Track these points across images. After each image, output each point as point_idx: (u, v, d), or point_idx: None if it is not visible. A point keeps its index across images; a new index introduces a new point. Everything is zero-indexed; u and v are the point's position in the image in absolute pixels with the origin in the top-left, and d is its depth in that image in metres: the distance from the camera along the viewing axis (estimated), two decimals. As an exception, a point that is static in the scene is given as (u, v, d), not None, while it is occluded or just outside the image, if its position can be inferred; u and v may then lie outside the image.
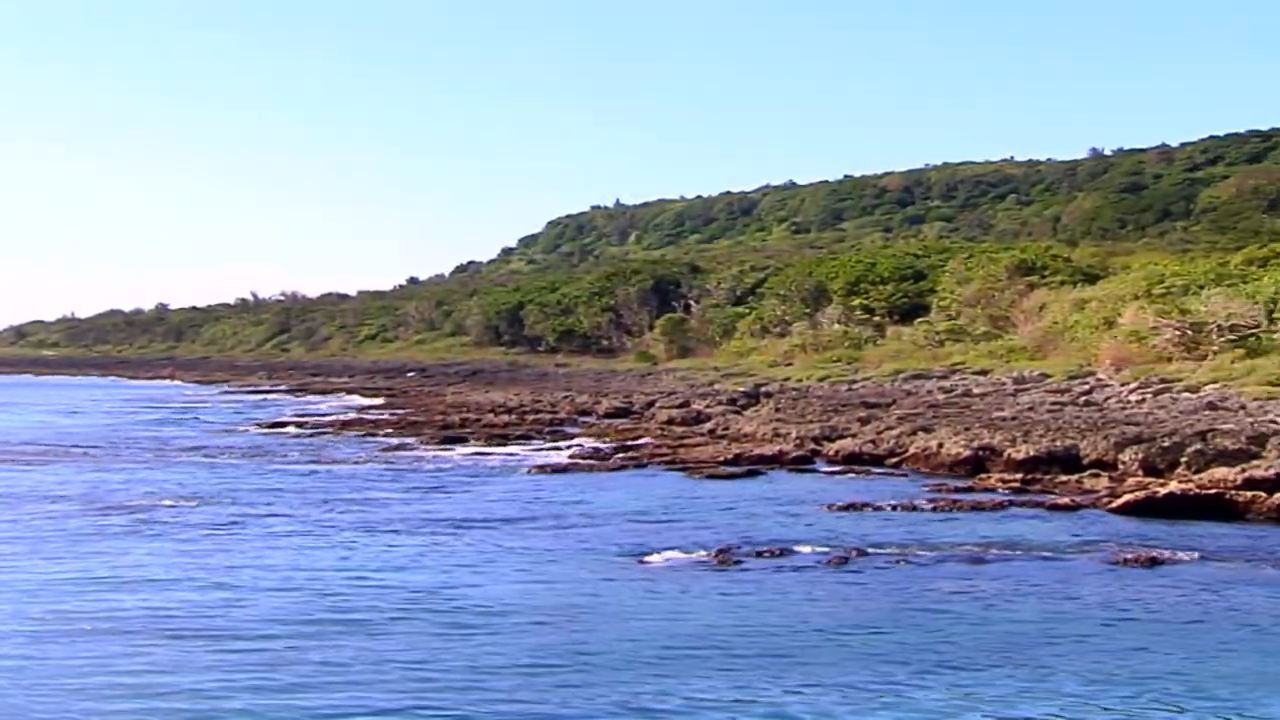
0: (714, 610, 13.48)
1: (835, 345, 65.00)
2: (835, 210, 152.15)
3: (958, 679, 10.69)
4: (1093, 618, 12.89)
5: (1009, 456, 25.27)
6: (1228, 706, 9.91)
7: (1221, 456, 22.61)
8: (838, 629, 12.55)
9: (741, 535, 18.12)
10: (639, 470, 27.16)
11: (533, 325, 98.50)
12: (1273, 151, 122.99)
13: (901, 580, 14.89)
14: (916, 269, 74.13)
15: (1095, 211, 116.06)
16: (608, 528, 19.05)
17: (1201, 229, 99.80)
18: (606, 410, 44.44)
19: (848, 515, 20.05)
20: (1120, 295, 53.45)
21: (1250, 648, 11.70)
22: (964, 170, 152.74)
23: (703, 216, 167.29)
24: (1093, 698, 10.13)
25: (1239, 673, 10.86)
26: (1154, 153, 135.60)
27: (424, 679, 10.81)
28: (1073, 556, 16.08)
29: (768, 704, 10.16)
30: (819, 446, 29.34)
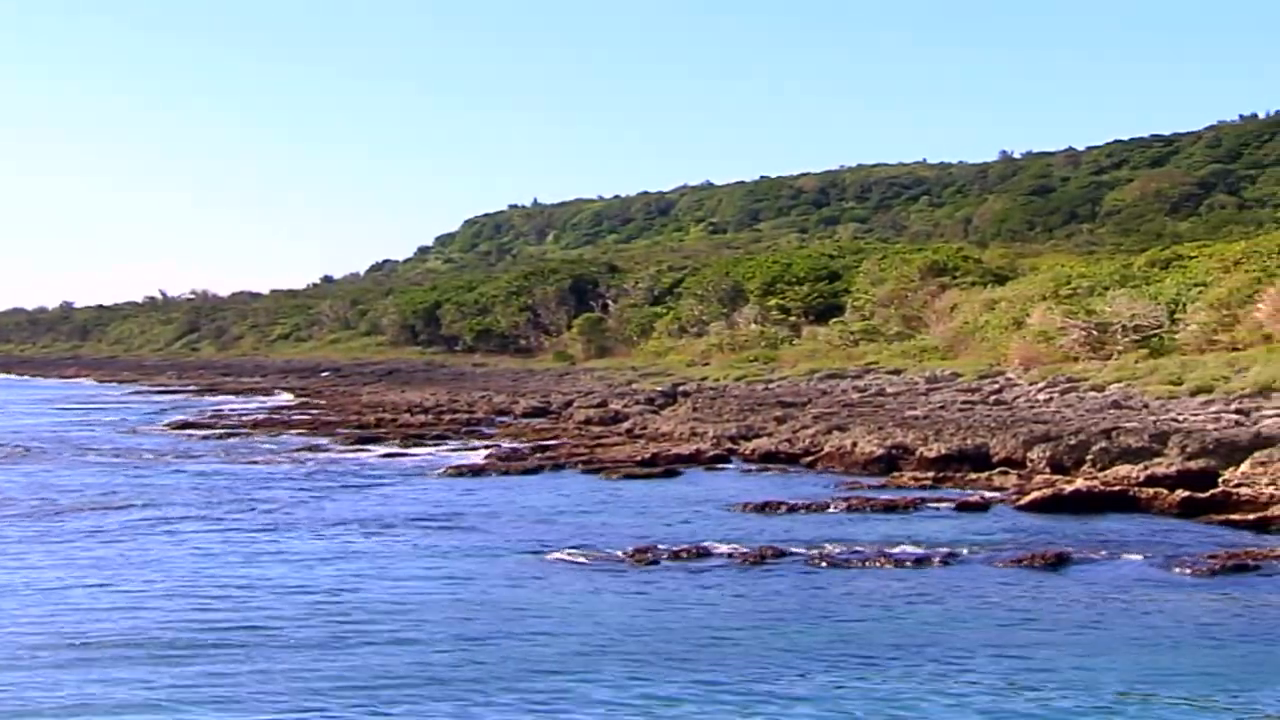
0: (625, 609, 13.52)
1: (752, 345, 65.44)
2: (752, 211, 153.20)
3: (863, 678, 10.82)
4: (997, 616, 13.13)
5: (921, 455, 25.66)
6: (1125, 701, 10.13)
7: (1125, 454, 23.17)
8: (746, 627, 12.66)
9: (657, 535, 18.18)
10: (556, 470, 27.12)
11: (449, 325, 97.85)
12: (1175, 156, 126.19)
13: (812, 580, 15.04)
14: (831, 269, 74.90)
15: (1005, 213, 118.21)
16: (523, 528, 19.01)
17: (1107, 231, 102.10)
18: (524, 410, 44.31)
19: (762, 515, 20.21)
20: (1029, 296, 54.51)
21: (1148, 644, 12.00)
22: (878, 172, 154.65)
23: (620, 216, 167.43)
24: (998, 695, 10.31)
25: (1136, 668, 11.12)
26: (1061, 156, 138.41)
27: (318, 687, 10.65)
28: (981, 555, 16.36)
29: (668, 701, 10.23)
30: (735, 446, 29.55)
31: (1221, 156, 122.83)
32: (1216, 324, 42.95)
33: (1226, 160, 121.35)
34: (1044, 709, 9.97)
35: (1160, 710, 9.87)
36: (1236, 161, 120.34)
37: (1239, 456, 21.91)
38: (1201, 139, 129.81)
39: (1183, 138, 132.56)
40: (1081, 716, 9.79)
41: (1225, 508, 19.05)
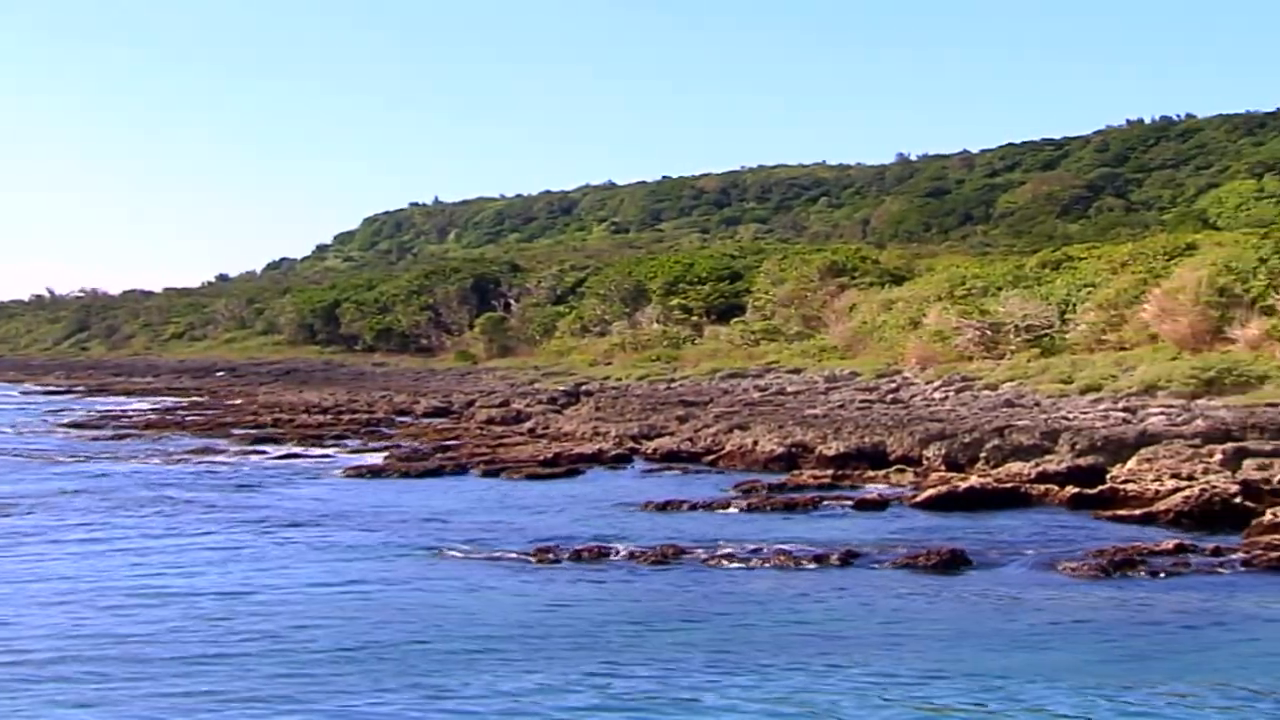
0: (522, 608, 13.49)
1: (654, 344, 65.65)
2: (654, 211, 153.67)
3: (752, 675, 10.89)
4: (890, 612, 13.32)
5: (820, 453, 25.97)
6: (1008, 695, 10.31)
7: (1018, 452, 23.71)
8: (641, 625, 12.70)
9: (558, 534, 18.15)
10: (458, 470, 26.92)
11: (349, 324, 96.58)
12: (1065, 159, 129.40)
13: (710, 579, 15.11)
14: (733, 269, 75.45)
15: (902, 215, 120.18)
16: (422, 528, 18.84)
17: (1000, 233, 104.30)
18: (425, 410, 43.93)
19: (664, 514, 20.28)
20: (925, 296, 55.48)
21: (1036, 638, 12.27)
22: (778, 173, 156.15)
23: (522, 215, 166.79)
24: (879, 689, 10.44)
25: (1022, 662, 11.35)
26: (956, 159, 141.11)
27: (200, 692, 10.44)
28: (877, 553, 16.59)
29: (557, 693, 10.25)
30: (638, 445, 29.62)
31: (1109, 160, 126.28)
32: (1105, 324, 44.14)
33: (1114, 164, 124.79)
34: (926, 704, 10.12)
35: (1043, 703, 10.06)
36: (1124, 165, 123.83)
37: (1126, 453, 22.56)
38: (1090, 143, 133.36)
39: (1072, 141, 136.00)
40: (963, 711, 9.95)
41: (1113, 503, 19.58)
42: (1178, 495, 18.68)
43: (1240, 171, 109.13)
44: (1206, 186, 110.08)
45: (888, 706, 10.03)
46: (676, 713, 9.93)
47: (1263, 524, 16.75)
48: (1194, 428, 24.39)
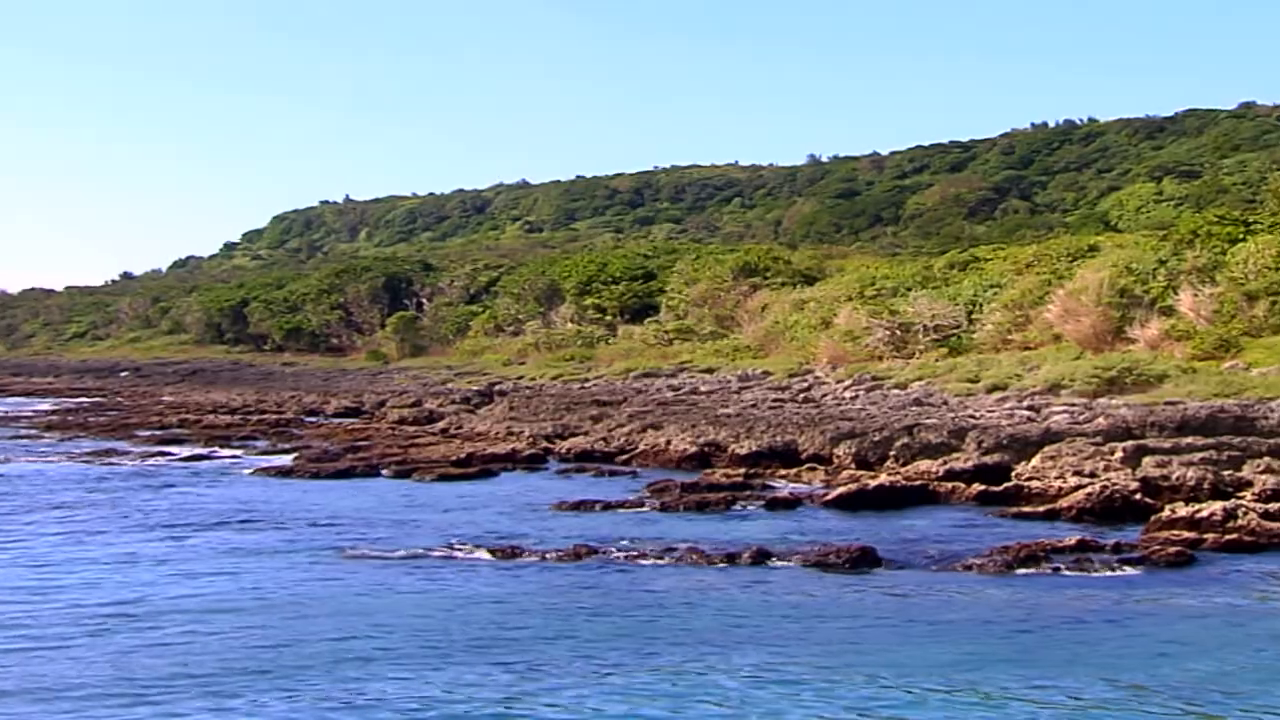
0: (428, 607, 13.38)
1: (568, 344, 65.57)
2: (568, 210, 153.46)
3: (653, 672, 10.90)
4: (797, 609, 13.43)
5: (733, 452, 26.13)
6: (904, 689, 10.45)
7: (926, 449, 24.07)
8: (548, 624, 12.69)
9: (470, 533, 18.05)
10: (369, 471, 26.62)
11: (257, 323, 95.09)
12: (972, 162, 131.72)
13: (620, 577, 15.11)
14: (647, 269, 75.63)
15: (813, 216, 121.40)
16: (331, 529, 18.60)
17: (909, 234, 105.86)
18: (335, 410, 43.41)
19: (577, 513, 20.26)
20: (836, 296, 56.12)
21: (941, 633, 12.46)
22: (691, 173, 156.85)
23: (435, 214, 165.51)
24: (775, 685, 10.52)
25: (924, 657, 11.53)
26: (866, 160, 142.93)
27: (95, 694, 10.23)
28: (788, 550, 16.73)
29: (460, 695, 10.20)
30: (551, 444, 29.55)
31: (1015, 163, 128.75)
32: (1010, 324, 45.00)
33: (1020, 166, 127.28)
34: (824, 696, 10.23)
35: (940, 696, 10.21)
36: (1029, 168, 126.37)
37: (1031, 451, 23.01)
38: (996, 146, 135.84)
39: (979, 144, 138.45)
40: (862, 704, 10.07)
41: (1018, 500, 19.96)
42: (1080, 492, 19.10)
43: (1140, 175, 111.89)
44: (1108, 189, 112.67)
45: (789, 699, 10.10)
46: (579, 709, 9.92)
47: (1161, 520, 17.18)
48: (1096, 426, 24.96)
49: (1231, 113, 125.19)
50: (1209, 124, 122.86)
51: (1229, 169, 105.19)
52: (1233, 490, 19.31)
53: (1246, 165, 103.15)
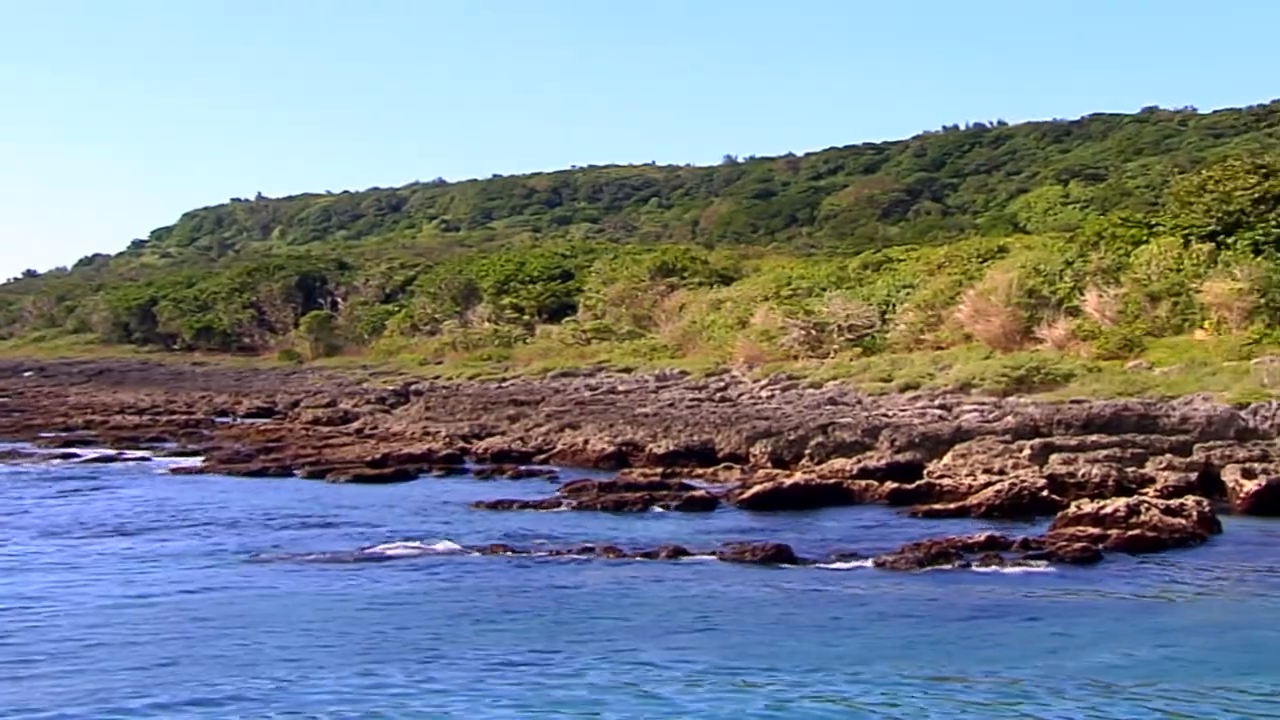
0: (343, 609, 13.27)
1: (485, 343, 65.31)
2: (485, 209, 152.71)
3: (560, 667, 10.95)
4: (712, 605, 13.52)
5: (650, 451, 26.23)
6: (809, 682, 10.58)
7: (841, 448, 24.37)
8: (456, 621, 12.67)
9: (385, 534, 17.93)
10: (282, 472, 26.29)
11: (167, 322, 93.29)
12: (885, 163, 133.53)
13: (537, 576, 15.08)
14: (564, 269, 75.57)
15: (730, 216, 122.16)
16: (244, 532, 18.34)
17: (824, 235, 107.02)
18: (248, 410, 42.77)
19: (494, 513, 20.20)
20: (752, 296, 56.56)
21: (848, 628, 12.64)
22: (609, 173, 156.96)
23: (350, 212, 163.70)
24: (697, 679, 10.61)
25: (831, 651, 11.68)
26: (782, 161, 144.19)
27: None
28: (703, 548, 16.84)
29: (353, 695, 10.15)
30: (468, 445, 29.41)
31: (927, 165, 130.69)
32: (923, 324, 45.71)
33: (931, 168, 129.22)
34: (734, 687, 10.33)
35: (845, 689, 10.35)
36: (940, 170, 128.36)
37: (942, 449, 23.42)
38: (909, 148, 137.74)
39: (892, 146, 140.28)
40: (769, 697, 10.18)
41: (930, 497, 20.30)
42: (989, 489, 19.47)
43: (1048, 177, 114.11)
44: (1017, 191, 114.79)
45: (690, 693, 10.19)
46: (474, 708, 9.91)
47: (1067, 516, 17.59)
48: (1005, 424, 25.46)
49: (1135, 117, 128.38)
50: (1114, 128, 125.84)
51: (1132, 172, 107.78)
52: (1136, 487, 19.83)
53: (1149, 169, 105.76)
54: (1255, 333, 36.17)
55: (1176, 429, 23.70)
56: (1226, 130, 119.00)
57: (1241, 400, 26.52)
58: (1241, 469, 20.44)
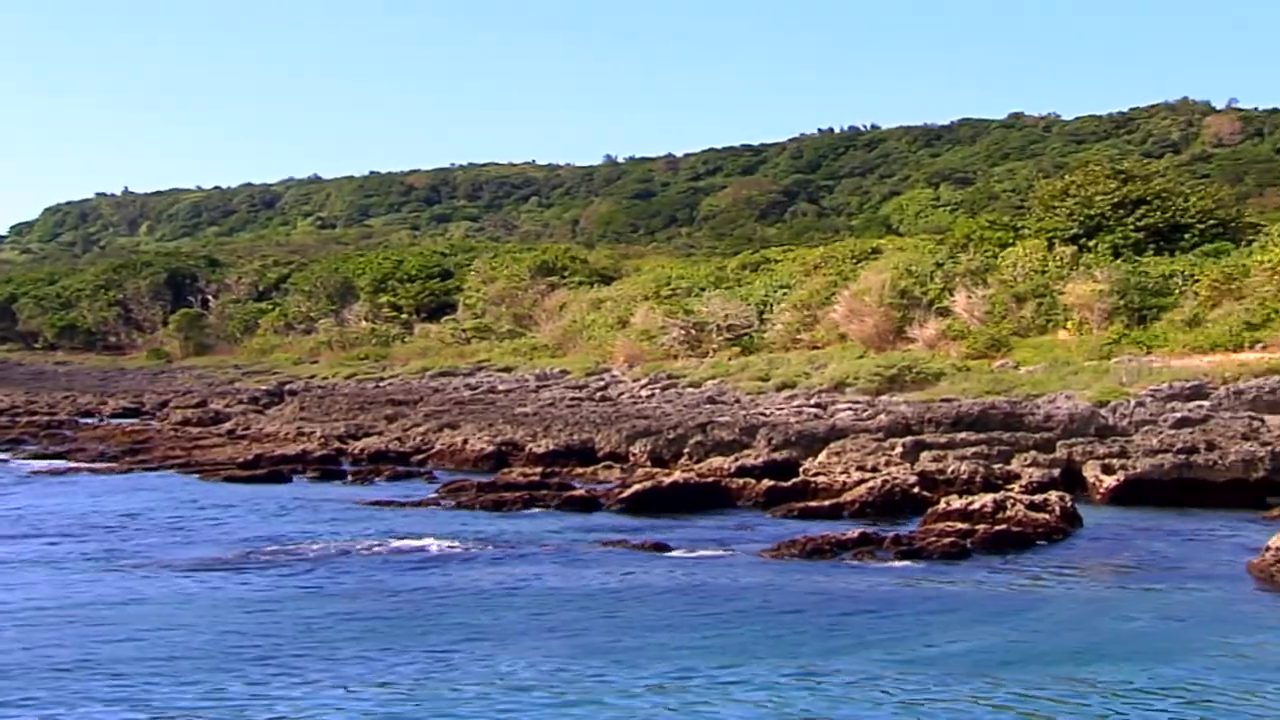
0: (183, 615, 12.94)
1: (363, 342, 64.50)
2: (362, 206, 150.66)
3: (416, 670, 10.90)
4: (586, 601, 13.57)
5: (530, 451, 26.16)
6: (663, 675, 10.72)
7: (719, 447, 24.61)
8: (318, 625, 12.46)
9: (256, 536, 17.60)
10: (149, 474, 25.60)
11: (27, 320, 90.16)
12: (763, 165, 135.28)
13: (412, 577, 14.91)
14: (444, 267, 75.01)
15: (610, 216, 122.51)
16: (106, 536, 17.80)
17: (703, 235, 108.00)
18: (113, 411, 41.55)
19: (369, 514, 19.95)
20: (632, 296, 56.85)
21: (723, 624, 12.82)
22: (489, 171, 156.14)
23: (221, 208, 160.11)
24: (566, 675, 10.66)
25: (703, 648, 11.82)
26: (662, 161, 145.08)
27: None
28: (581, 546, 16.90)
29: (237, 702, 10.01)
30: (345, 445, 28.99)
31: (803, 167, 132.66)
32: (799, 324, 46.47)
33: (807, 170, 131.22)
34: (602, 684, 10.40)
35: (712, 684, 10.48)
36: (816, 172, 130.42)
37: (818, 447, 23.82)
38: (786, 150, 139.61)
39: (770, 148, 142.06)
40: (640, 691, 10.27)
41: (805, 495, 20.62)
42: (862, 487, 19.86)
43: (919, 180, 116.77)
44: (890, 194, 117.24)
45: (549, 687, 10.26)
46: (340, 710, 9.83)
47: (936, 512, 18.04)
48: (878, 422, 26.02)
49: (1002, 123, 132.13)
50: (981, 133, 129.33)
51: (999, 176, 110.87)
52: (1002, 483, 20.41)
53: (1015, 173, 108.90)
54: (1115, 333, 37.58)
55: (1041, 426, 24.46)
56: (1088, 136, 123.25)
57: (1102, 398, 27.53)
58: (1101, 465, 21.21)
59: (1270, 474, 20.76)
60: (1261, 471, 20.79)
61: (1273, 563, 14.47)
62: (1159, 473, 20.66)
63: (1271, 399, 26.04)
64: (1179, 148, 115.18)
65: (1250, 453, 21.10)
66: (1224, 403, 26.27)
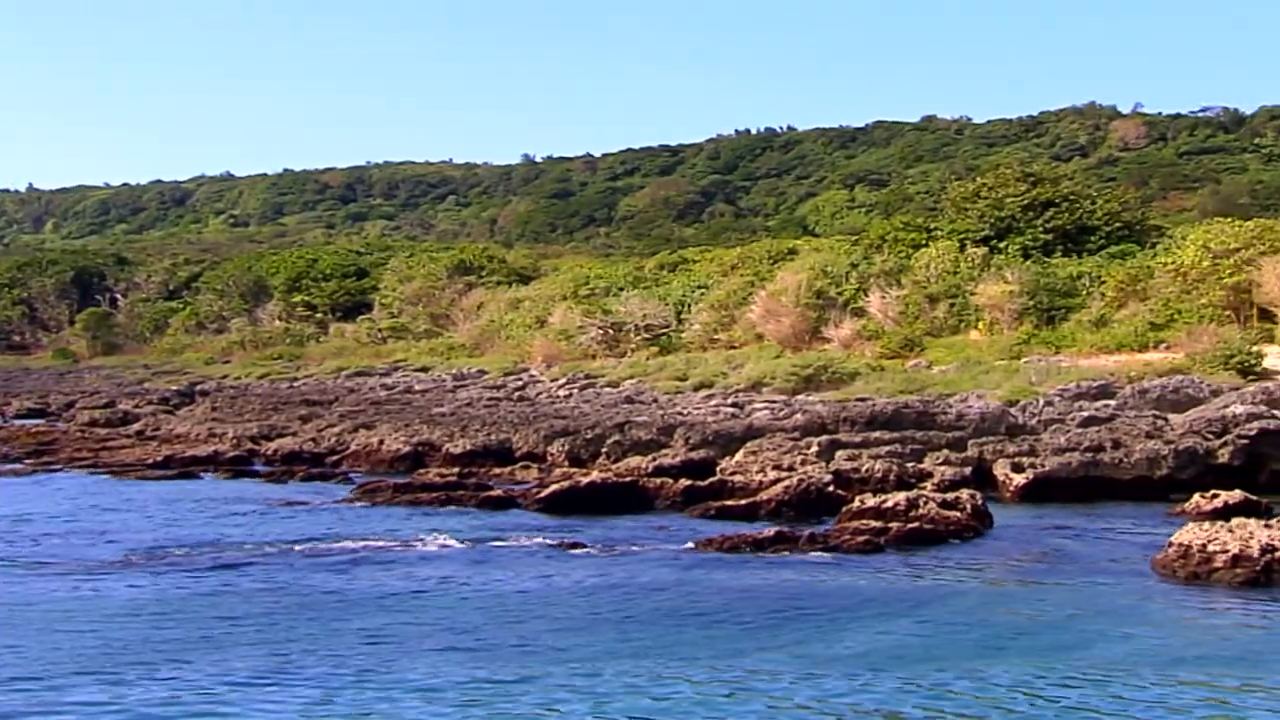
0: (72, 619, 12.69)
1: (276, 342, 63.59)
2: (276, 204, 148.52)
3: (311, 674, 10.79)
4: (503, 600, 13.53)
5: (447, 451, 25.99)
6: (574, 674, 10.74)
7: (637, 446, 24.65)
8: (220, 629, 12.30)
9: (165, 538, 17.30)
10: (54, 475, 25.02)
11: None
12: (680, 166, 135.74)
13: (312, 579, 14.72)
14: (359, 266, 74.24)
15: (528, 215, 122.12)
16: (6, 539, 17.38)
17: (622, 235, 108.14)
18: (18, 411, 40.57)
19: (282, 515, 19.70)
20: (550, 296, 56.75)
21: (606, 621, 12.86)
22: (405, 170, 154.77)
23: (131, 206, 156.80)
24: (482, 673, 10.66)
25: (621, 643, 11.87)
26: (580, 161, 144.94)
27: None
28: (498, 546, 16.82)
29: (114, 708, 9.83)
30: (257, 446, 28.56)
31: (720, 168, 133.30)
32: (717, 324, 46.71)
33: (725, 171, 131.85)
34: (512, 686, 10.39)
35: (630, 680, 10.54)
36: (733, 173, 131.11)
37: (735, 446, 23.95)
38: (703, 150, 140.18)
39: (687, 148, 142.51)
40: (560, 686, 10.31)
41: (722, 494, 20.73)
42: (779, 486, 20.01)
43: (835, 182, 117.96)
44: (806, 195, 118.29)
45: (476, 689, 10.23)
46: (234, 708, 9.75)
47: (851, 510, 18.25)
48: (794, 421, 26.23)
49: (915, 125, 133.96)
50: (896, 135, 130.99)
51: (913, 178, 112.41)
52: (915, 481, 20.72)
53: (929, 175, 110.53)
54: (1024, 333, 38.32)
55: (953, 425, 24.84)
56: (999, 139, 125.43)
57: (1011, 398, 28.04)
58: (1011, 463, 21.62)
59: (1173, 471, 21.34)
60: (1165, 469, 21.36)
61: (1175, 558, 14.86)
62: (1067, 471, 21.11)
63: (1175, 398, 26.71)
64: (1086, 151, 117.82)
65: (1154, 451, 21.65)
66: (1129, 402, 26.88)
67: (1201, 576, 14.39)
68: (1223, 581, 14.19)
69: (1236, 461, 21.83)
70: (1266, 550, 14.39)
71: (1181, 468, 21.46)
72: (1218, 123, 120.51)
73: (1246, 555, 14.39)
